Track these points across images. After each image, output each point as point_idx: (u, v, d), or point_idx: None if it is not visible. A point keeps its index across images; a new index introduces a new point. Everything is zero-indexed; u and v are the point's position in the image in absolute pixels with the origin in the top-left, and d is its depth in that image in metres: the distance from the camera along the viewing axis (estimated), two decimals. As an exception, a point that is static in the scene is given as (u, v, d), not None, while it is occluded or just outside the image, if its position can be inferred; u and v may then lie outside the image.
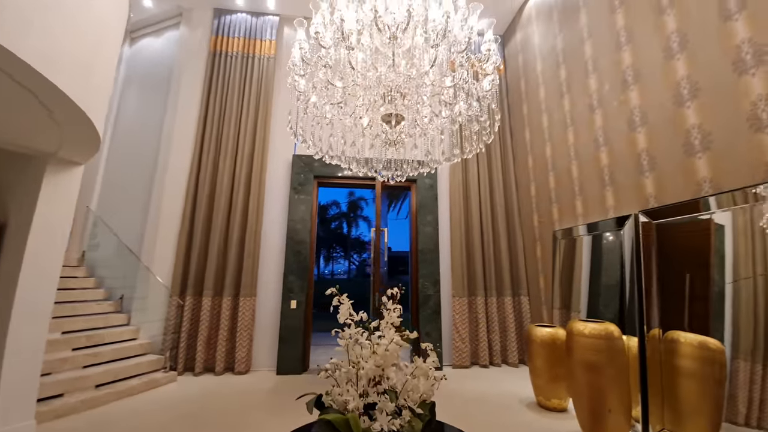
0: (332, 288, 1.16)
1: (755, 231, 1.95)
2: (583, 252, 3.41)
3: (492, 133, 2.19)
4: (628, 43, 2.86)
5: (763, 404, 1.95)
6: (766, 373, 1.96)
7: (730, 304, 2.19)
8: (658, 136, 2.58)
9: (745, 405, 2.04)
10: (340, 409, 0.98)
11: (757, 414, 1.98)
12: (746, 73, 1.98)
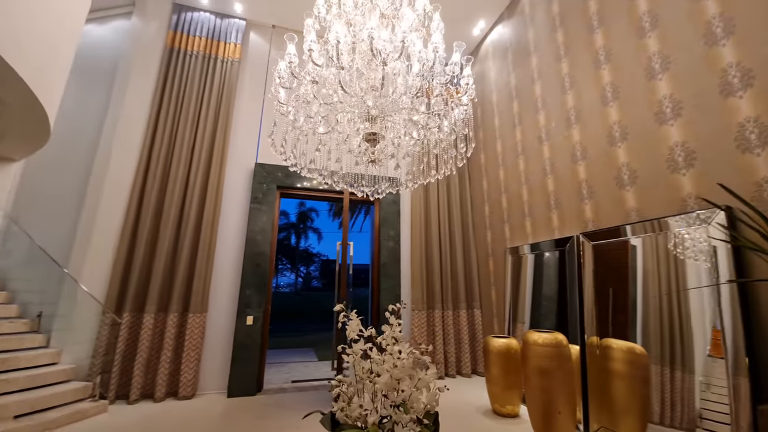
0: (339, 305, 1.17)
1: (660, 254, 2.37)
2: (529, 268, 3.78)
3: (465, 158, 2.37)
4: (572, 88, 3.32)
5: (674, 404, 2.31)
6: (674, 376, 2.34)
7: (640, 315, 2.60)
8: (596, 169, 3.01)
9: (659, 404, 2.41)
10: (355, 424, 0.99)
11: (670, 413, 2.32)
12: (666, 123, 2.44)
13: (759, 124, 1.93)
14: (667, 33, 2.48)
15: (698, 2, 2.28)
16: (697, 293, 2.24)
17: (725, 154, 2.08)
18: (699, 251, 2.17)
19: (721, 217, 2.06)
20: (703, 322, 2.22)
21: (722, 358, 2.12)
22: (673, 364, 2.37)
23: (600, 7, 3.06)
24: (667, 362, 2.40)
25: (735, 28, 2.07)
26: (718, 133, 2.13)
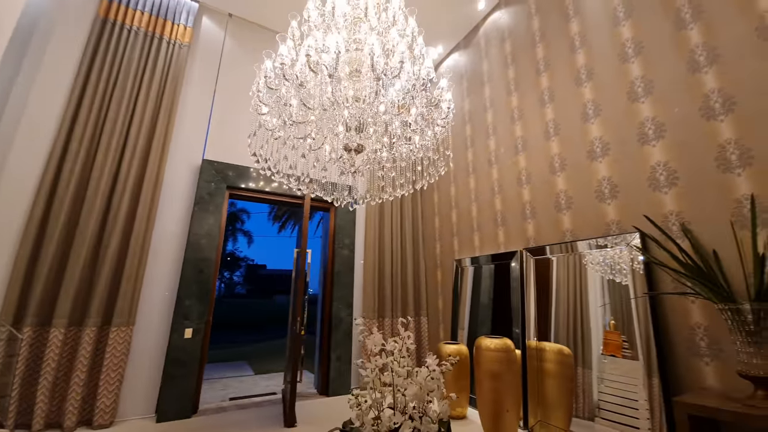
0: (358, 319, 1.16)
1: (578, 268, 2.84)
2: (470, 279, 4.12)
3: (437, 175, 2.53)
4: (520, 120, 3.77)
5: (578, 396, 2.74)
6: (584, 373, 2.78)
7: (553, 321, 3.07)
8: (538, 193, 3.44)
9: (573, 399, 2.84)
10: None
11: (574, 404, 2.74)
12: (596, 160, 2.92)
13: (667, 167, 2.44)
14: (598, 86, 2.99)
15: (624, 64, 2.81)
16: (594, 302, 2.73)
17: (641, 190, 2.58)
18: (619, 268, 2.64)
19: (637, 240, 2.54)
20: (597, 326, 2.73)
21: (613, 356, 2.62)
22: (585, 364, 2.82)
23: (546, 54, 3.55)
24: (580, 363, 2.85)
25: (653, 86, 2.61)
26: (636, 172, 2.63)
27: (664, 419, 2.17)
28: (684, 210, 2.33)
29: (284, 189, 4.16)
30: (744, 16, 2.16)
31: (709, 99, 2.28)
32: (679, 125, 2.42)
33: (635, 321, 2.48)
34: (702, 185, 2.26)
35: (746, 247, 1.96)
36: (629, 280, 2.58)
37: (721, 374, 2.05)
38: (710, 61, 2.30)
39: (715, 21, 2.30)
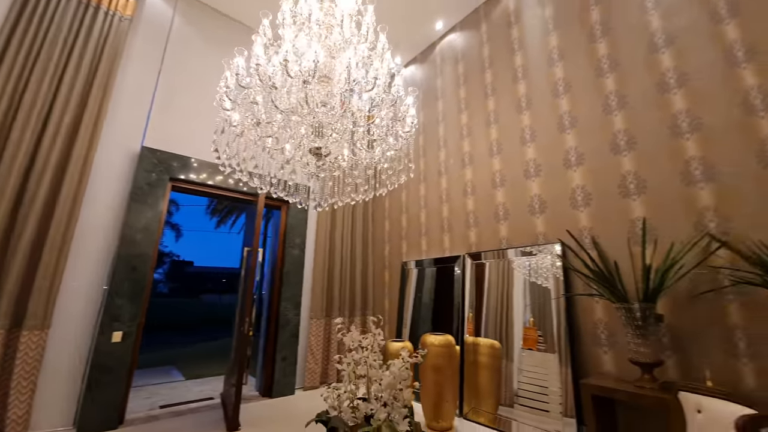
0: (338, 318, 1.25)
1: (508, 272, 3.27)
2: (414, 280, 4.41)
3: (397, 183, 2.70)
4: (468, 136, 4.14)
5: (501, 385, 3.15)
6: (507, 365, 3.20)
7: (484, 318, 3.48)
8: (481, 204, 3.82)
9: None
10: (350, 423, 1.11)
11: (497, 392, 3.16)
12: (530, 179, 3.36)
13: (584, 190, 2.94)
14: (535, 115, 3.45)
15: (556, 98, 3.29)
16: (518, 302, 3.18)
17: (563, 207, 3.05)
18: (541, 273, 3.09)
19: (558, 249, 3.00)
20: (519, 324, 3.18)
21: (530, 349, 3.07)
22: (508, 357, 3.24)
23: (493, 80, 3.97)
24: (504, 355, 3.27)
25: (577, 121, 3.10)
26: (560, 192, 3.10)
27: (572, 400, 2.61)
28: (594, 226, 2.83)
29: (230, 183, 3.99)
30: (648, 73, 2.71)
31: (617, 137, 2.80)
32: (593, 155, 2.93)
33: (554, 317, 2.93)
34: (608, 207, 2.77)
35: (637, 259, 2.47)
36: (550, 283, 3.03)
37: (616, 361, 2.55)
38: (620, 106, 2.83)
39: (627, 74, 2.83)
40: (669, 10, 2.65)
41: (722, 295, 2.15)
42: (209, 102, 4.11)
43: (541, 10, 3.59)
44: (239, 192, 4.11)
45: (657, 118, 2.60)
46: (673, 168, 2.47)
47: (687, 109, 2.46)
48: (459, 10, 4.42)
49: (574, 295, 2.84)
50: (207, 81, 4.13)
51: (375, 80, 1.98)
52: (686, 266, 2.22)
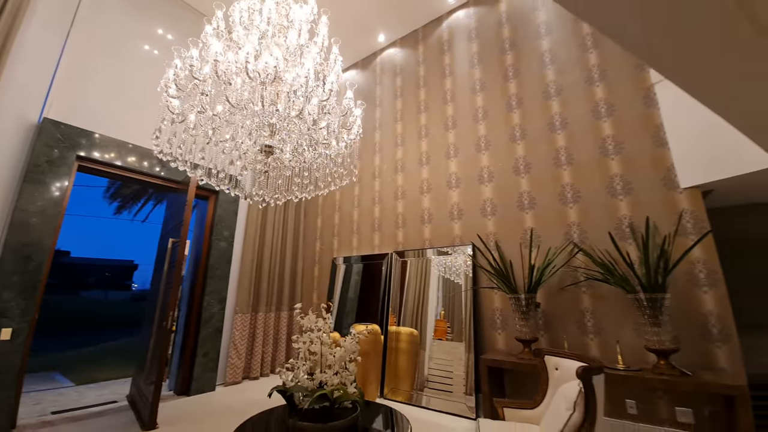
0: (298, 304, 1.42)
1: (426, 269, 3.80)
2: (341, 275, 4.69)
3: (341, 184, 2.93)
4: (402, 145, 4.56)
5: (416, 370, 3.67)
6: (420, 353, 3.73)
7: (402, 310, 3.95)
8: (409, 207, 4.27)
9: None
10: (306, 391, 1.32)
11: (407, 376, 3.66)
12: (452, 189, 3.91)
13: (491, 202, 3.57)
14: (459, 134, 4.01)
15: (475, 124, 3.89)
16: (432, 296, 3.72)
17: (476, 215, 3.65)
18: (454, 270, 3.65)
19: (470, 250, 3.58)
20: (432, 316, 3.71)
21: (440, 339, 3.62)
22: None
23: (426, 97, 4.45)
24: (425, 346, 3.77)
25: (490, 144, 3.72)
26: (474, 202, 3.70)
27: (473, 379, 3.17)
28: (498, 232, 3.47)
29: (144, 166, 3.68)
30: (542, 114, 3.43)
31: (518, 162, 3.48)
32: (500, 174, 3.58)
33: (463, 308, 3.49)
34: (508, 217, 3.43)
35: (525, 260, 3.14)
36: (461, 279, 3.60)
37: (506, 340, 3.20)
38: (522, 137, 3.52)
39: (528, 112, 3.54)
40: (560, 68, 3.41)
41: (578, 287, 2.91)
42: (128, 73, 3.74)
43: (469, 45, 4.18)
44: (159, 177, 3.83)
45: (546, 151, 3.33)
46: (554, 191, 3.21)
47: (565, 147, 3.22)
48: (401, 27, 4.81)
49: (480, 288, 3.45)
50: (126, 49, 3.75)
51: (331, 91, 2.18)
52: (557, 266, 2.94)
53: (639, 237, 2.65)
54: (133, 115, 3.69)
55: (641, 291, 2.37)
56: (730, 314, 2.35)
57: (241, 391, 3.93)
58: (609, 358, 2.60)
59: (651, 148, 2.82)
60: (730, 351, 2.31)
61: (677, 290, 2.49)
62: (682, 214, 2.58)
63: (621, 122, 3.00)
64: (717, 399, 2.28)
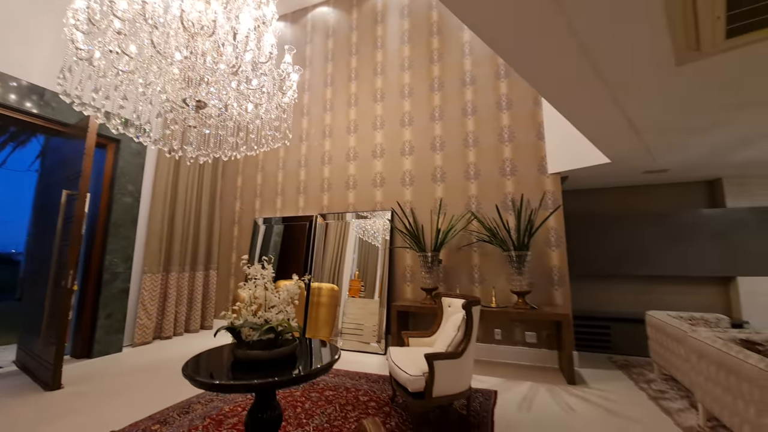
0: (244, 256, 1.57)
1: (345, 232, 4.21)
2: (260, 235, 4.78)
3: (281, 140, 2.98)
4: (330, 110, 4.65)
5: (335, 320, 4.16)
6: (337, 310, 4.20)
7: (324, 269, 4.36)
8: (335, 172, 4.48)
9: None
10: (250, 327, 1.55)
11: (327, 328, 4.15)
12: (376, 159, 4.24)
13: (410, 173, 4.03)
14: (386, 108, 4.30)
15: (402, 99, 4.22)
16: (350, 257, 4.18)
17: (396, 184, 4.09)
18: (372, 233, 4.09)
19: (389, 215, 4.04)
20: (348, 276, 4.17)
21: (354, 297, 4.11)
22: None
23: (358, 66, 4.57)
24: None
25: (414, 120, 4.12)
26: (395, 172, 4.11)
27: (384, 328, 3.73)
28: (414, 200, 3.98)
29: (11, 100, 3.09)
30: (458, 100, 3.93)
31: (435, 140, 3.97)
32: (419, 150, 4.04)
33: (378, 267, 3.98)
34: (423, 188, 3.95)
35: (434, 224, 3.73)
36: (379, 241, 4.06)
37: (414, 290, 3.82)
38: (440, 117, 3.99)
39: (447, 95, 3.99)
40: (476, 60, 3.91)
41: (471, 247, 3.63)
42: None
43: (401, 21, 4.39)
44: (31, 115, 3.25)
45: (458, 133, 3.88)
46: (461, 168, 3.81)
47: (473, 131, 3.81)
48: (334, -13, 4.70)
49: (397, 248, 3.96)
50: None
51: (270, 54, 2.21)
52: (457, 230, 3.60)
53: (516, 209, 3.42)
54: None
55: (513, 249, 3.14)
56: (567, 267, 3.30)
57: (152, 350, 3.84)
58: (486, 300, 3.40)
59: (534, 140, 3.56)
60: (563, 292, 3.27)
61: (536, 249, 3.35)
62: (546, 193, 3.42)
63: (516, 116, 3.67)
64: (552, 324, 3.24)
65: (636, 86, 1.78)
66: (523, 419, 2.18)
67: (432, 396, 1.93)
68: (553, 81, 1.76)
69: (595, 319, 3.73)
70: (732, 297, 3.80)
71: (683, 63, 1.58)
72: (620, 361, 3.34)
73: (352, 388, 2.70)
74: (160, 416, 2.24)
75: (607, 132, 2.43)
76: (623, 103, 1.97)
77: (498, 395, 2.54)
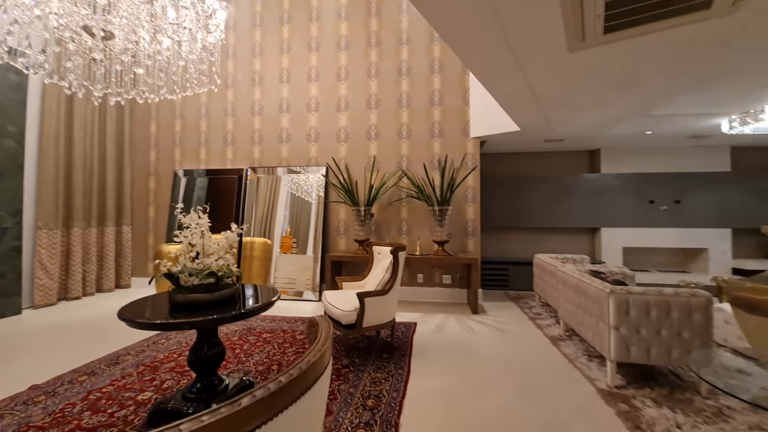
0: (179, 205, 1.55)
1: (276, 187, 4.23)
2: (181, 187, 4.51)
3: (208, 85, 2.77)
4: (260, 56, 4.32)
5: (268, 273, 4.28)
6: (269, 265, 4.31)
7: (256, 224, 4.39)
8: (267, 124, 4.30)
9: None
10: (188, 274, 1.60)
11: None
12: (311, 112, 4.17)
13: (345, 129, 4.09)
14: (321, 58, 4.16)
15: (339, 52, 4.12)
16: (280, 214, 4.26)
17: (331, 140, 4.12)
18: (306, 188, 4.15)
19: (324, 171, 4.11)
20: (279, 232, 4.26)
21: (287, 254, 4.25)
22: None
23: (290, 8, 4.25)
24: None
25: (349, 75, 4.09)
26: (330, 128, 4.12)
27: (318, 280, 3.95)
28: (348, 156, 4.09)
29: None
30: (395, 58, 3.99)
31: (371, 98, 4.04)
32: (355, 106, 4.08)
33: (312, 221, 4.10)
34: (358, 145, 4.07)
35: (367, 181, 3.93)
36: (313, 197, 4.14)
37: (347, 242, 4.07)
38: (376, 75, 4.03)
39: (383, 53, 4.02)
40: (412, 18, 3.96)
41: (401, 203, 3.95)
42: None
43: (337, -37, 4.14)
44: None
45: (393, 92, 4.00)
46: (394, 127, 3.99)
47: (407, 91, 3.97)
48: None
49: (331, 202, 4.10)
50: None
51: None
52: (389, 186, 3.86)
53: (441, 168, 3.78)
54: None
55: (436, 204, 3.53)
56: (479, 220, 3.83)
57: (59, 311, 3.52)
58: (411, 249, 3.82)
59: (460, 105, 3.88)
60: (475, 241, 3.83)
61: (455, 204, 3.82)
62: (467, 155, 3.83)
63: (446, 80, 3.91)
64: (464, 268, 3.82)
65: (539, 64, 2.11)
66: (436, 340, 2.67)
67: (362, 326, 2.25)
68: (475, 54, 1.98)
69: (498, 263, 4.47)
70: (596, 243, 4.86)
71: (573, 50, 1.93)
72: (513, 295, 4.14)
73: (289, 329, 2.93)
74: (87, 369, 2.20)
75: (517, 103, 2.81)
76: (530, 78, 2.31)
77: (417, 325, 3.01)
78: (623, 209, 4.68)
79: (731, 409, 1.71)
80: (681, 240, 4.65)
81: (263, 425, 0.44)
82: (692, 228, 4.62)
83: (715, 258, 4.57)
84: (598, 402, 1.80)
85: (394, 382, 2.01)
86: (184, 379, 2.06)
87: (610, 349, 1.94)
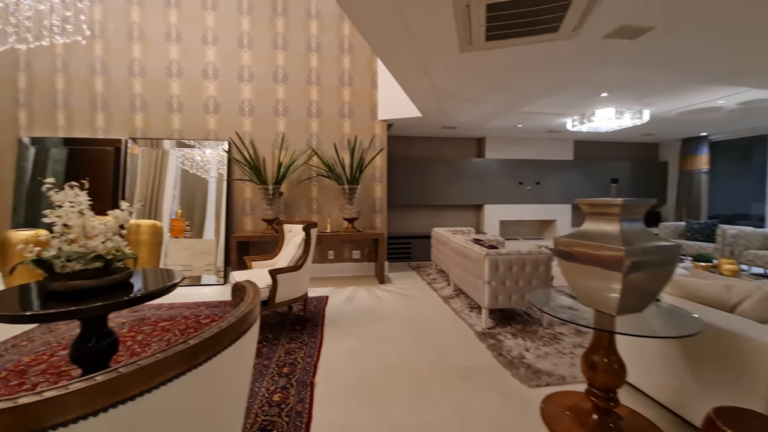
0: (49, 180, 1.29)
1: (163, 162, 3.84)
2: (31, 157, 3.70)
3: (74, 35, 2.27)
4: (139, 5, 3.66)
5: (159, 258, 3.92)
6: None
7: (137, 203, 3.95)
8: (152, 87, 3.73)
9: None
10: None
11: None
12: (208, 80, 3.77)
13: (249, 102, 3.84)
14: (219, 18, 3.76)
15: (240, 16, 3.78)
16: (168, 193, 3.93)
17: (234, 114, 3.83)
18: (203, 165, 3.83)
19: (226, 146, 3.82)
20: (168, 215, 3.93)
21: (178, 237, 3.93)
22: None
23: (176, -46, 3.68)
24: None
25: (254, 43, 3.81)
26: (233, 100, 3.82)
27: (222, 262, 3.74)
28: (254, 131, 3.88)
29: None
30: (304, 31, 3.85)
31: (278, 71, 3.86)
32: (260, 78, 3.85)
33: (214, 200, 3.81)
34: (265, 120, 3.88)
35: (276, 158, 3.82)
36: (212, 174, 3.83)
37: (254, 222, 3.93)
38: (284, 47, 3.85)
39: (292, 24, 3.84)
40: (319, -9, 3.87)
41: (311, 181, 3.97)
42: None
43: None
44: None
45: (301, 67, 3.90)
46: (303, 104, 3.93)
47: (317, 68, 3.92)
48: None
49: (235, 180, 3.86)
50: None
51: None
52: (299, 165, 3.83)
53: (350, 148, 3.91)
54: None
55: (346, 183, 3.68)
56: (386, 198, 4.13)
57: None
58: (322, 227, 3.92)
59: (368, 88, 4.02)
60: (382, 218, 4.13)
61: (364, 183, 4.03)
62: (375, 137, 4.04)
63: (356, 62, 3.99)
64: (372, 243, 4.10)
65: (435, 61, 2.38)
66: (347, 309, 2.89)
67: (275, 302, 2.30)
68: (379, 40, 2.13)
69: (402, 237, 4.92)
70: (480, 217, 5.74)
71: (463, 51, 2.24)
72: (415, 265, 4.64)
73: (191, 315, 2.76)
74: None
75: (418, 89, 3.09)
76: (429, 70, 2.58)
77: (329, 298, 3.18)
78: (501, 189, 5.62)
79: (563, 334, 2.36)
80: (539, 213, 5.84)
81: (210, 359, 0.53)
82: (547, 204, 5.83)
83: (561, 227, 5.89)
84: (475, 341, 2.27)
85: (308, 349, 2.14)
86: (62, 380, 1.82)
87: (485, 299, 2.43)
